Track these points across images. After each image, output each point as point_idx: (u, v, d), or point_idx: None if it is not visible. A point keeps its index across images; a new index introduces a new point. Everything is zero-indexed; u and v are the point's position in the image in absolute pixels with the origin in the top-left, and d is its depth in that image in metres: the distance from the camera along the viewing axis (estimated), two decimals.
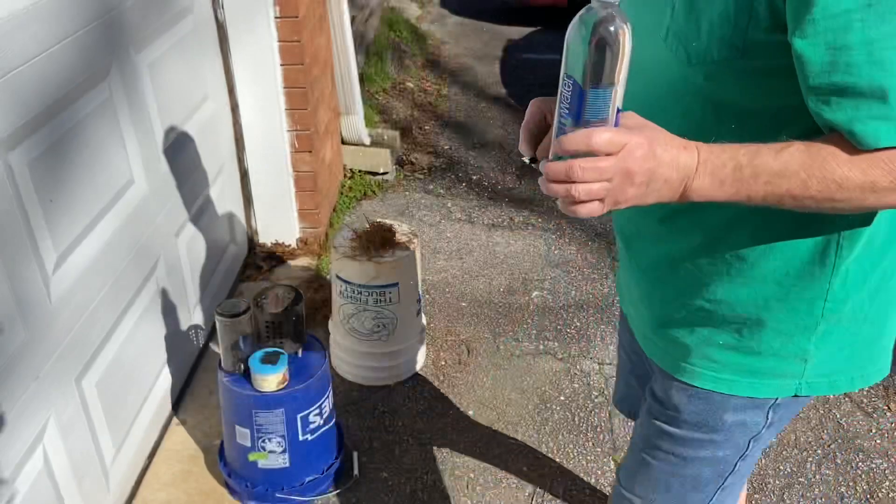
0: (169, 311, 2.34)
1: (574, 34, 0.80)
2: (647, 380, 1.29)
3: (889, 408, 2.44)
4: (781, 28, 0.83)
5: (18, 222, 1.57)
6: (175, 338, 2.40)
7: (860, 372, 1.09)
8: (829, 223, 0.95)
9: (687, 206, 0.90)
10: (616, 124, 0.82)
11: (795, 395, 1.09)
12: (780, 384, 1.08)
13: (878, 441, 2.31)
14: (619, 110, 0.82)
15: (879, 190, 0.82)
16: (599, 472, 2.22)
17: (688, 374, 1.12)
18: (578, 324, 2.85)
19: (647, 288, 1.17)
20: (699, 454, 1.17)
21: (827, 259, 0.98)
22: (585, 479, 2.20)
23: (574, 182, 0.82)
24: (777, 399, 1.09)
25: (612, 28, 0.78)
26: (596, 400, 2.47)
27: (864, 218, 0.95)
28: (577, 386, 2.54)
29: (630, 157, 0.81)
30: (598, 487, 2.17)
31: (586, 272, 3.17)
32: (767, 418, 1.12)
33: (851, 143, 0.82)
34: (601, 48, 0.78)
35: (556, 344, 2.74)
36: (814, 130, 0.86)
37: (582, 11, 0.79)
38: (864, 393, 2.49)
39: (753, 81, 0.90)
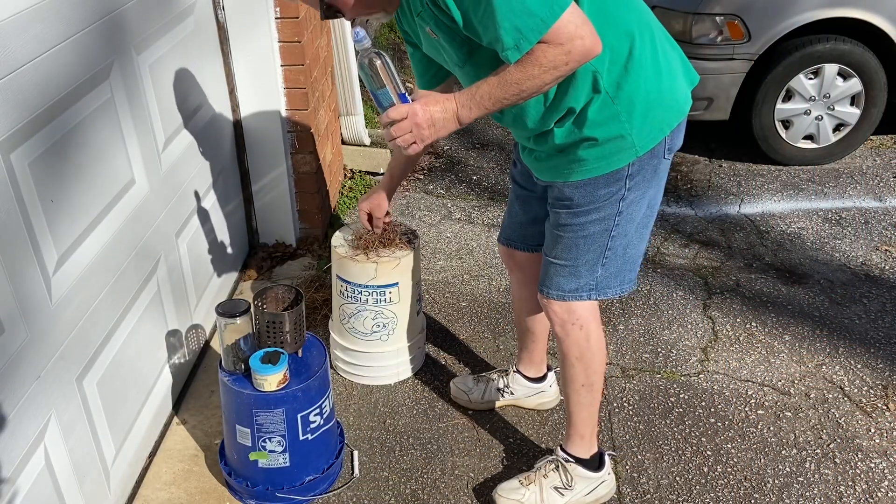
0: (169, 311, 2.35)
1: (359, 68, 1.55)
2: (533, 205, 2.03)
3: (888, 408, 2.44)
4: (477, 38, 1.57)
5: (19, 222, 1.57)
6: (175, 337, 2.40)
7: (660, 124, 1.72)
8: (587, 75, 1.63)
9: (537, 129, 1.74)
10: (404, 102, 1.56)
11: (636, 158, 1.71)
12: (620, 157, 1.70)
13: (878, 441, 2.31)
14: (401, 95, 1.56)
15: (532, 77, 1.50)
16: None
17: (572, 175, 1.76)
18: None
19: (539, 154, 1.84)
20: (590, 218, 1.79)
21: (598, 85, 1.64)
22: None
23: (395, 138, 1.57)
24: (626, 167, 1.72)
25: (371, 58, 1.52)
26: None
27: (596, 62, 1.61)
28: None
29: (413, 116, 1.55)
30: None
31: None
32: (626, 184, 1.74)
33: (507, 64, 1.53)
34: (370, 71, 1.53)
35: (555, 343, 2.74)
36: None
37: (356, 54, 1.63)
38: (864, 393, 2.49)
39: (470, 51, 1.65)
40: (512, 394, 2.41)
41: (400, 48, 5.58)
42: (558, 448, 2.09)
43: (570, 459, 2.05)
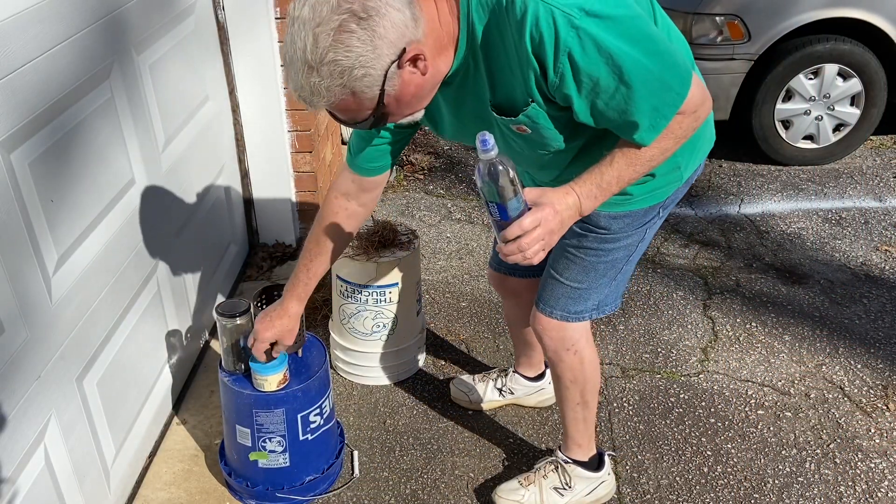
0: (169, 311, 2.35)
1: (480, 182, 1.26)
2: None
3: (888, 408, 2.44)
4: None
5: (19, 222, 1.57)
6: (175, 338, 2.40)
7: (703, 150, 1.69)
8: None
9: (565, 173, 1.58)
10: (528, 208, 1.31)
11: (679, 187, 1.67)
12: (667, 189, 1.66)
13: (878, 441, 2.31)
14: (525, 203, 1.30)
15: (665, 151, 1.40)
16: None
17: (613, 208, 1.63)
18: None
19: None
20: (618, 245, 1.72)
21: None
22: None
23: (524, 251, 1.31)
24: (665, 199, 1.68)
25: (500, 169, 1.24)
26: None
27: None
28: None
29: (547, 222, 1.32)
30: None
31: None
32: (660, 212, 1.71)
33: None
34: (499, 183, 1.25)
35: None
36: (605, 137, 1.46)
37: (477, 163, 1.25)
38: (864, 393, 2.49)
39: (572, 132, 1.48)
40: (512, 393, 2.41)
41: None
42: (557, 450, 2.09)
43: (569, 461, 2.05)
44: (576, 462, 2.05)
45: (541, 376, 2.41)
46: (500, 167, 1.23)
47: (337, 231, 1.79)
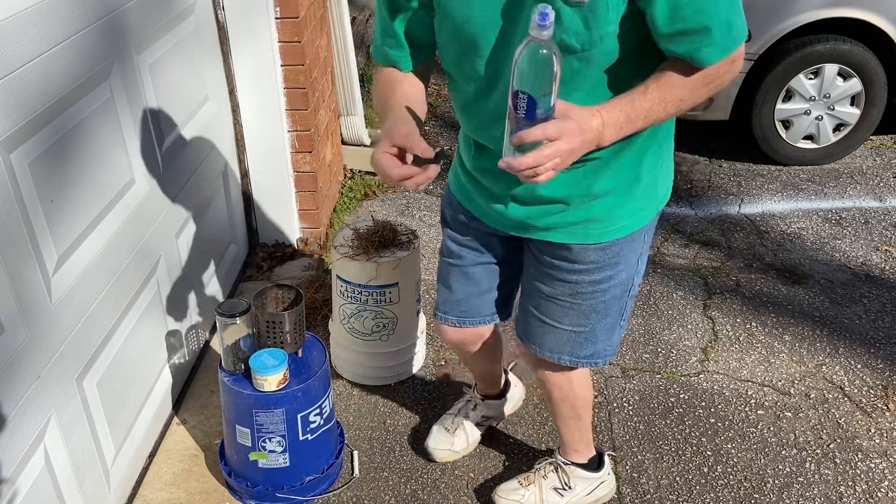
0: (169, 311, 2.35)
1: (523, 63, 1.09)
2: (487, 276, 1.77)
3: (888, 408, 2.44)
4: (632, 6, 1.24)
5: (19, 222, 1.57)
6: (175, 338, 2.40)
7: (671, 166, 1.61)
8: (650, 137, 1.46)
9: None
10: (554, 115, 1.15)
11: (659, 209, 1.59)
12: (647, 212, 1.56)
13: (878, 441, 2.31)
14: (554, 110, 1.15)
15: (697, 96, 1.28)
16: None
17: (602, 237, 1.53)
18: None
19: (551, 209, 1.53)
20: (612, 282, 1.60)
21: (651, 148, 1.49)
22: None
23: (537, 165, 1.16)
24: (647, 223, 1.58)
25: (551, 54, 1.08)
26: (595, 399, 2.47)
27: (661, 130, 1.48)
28: None
29: (570, 137, 1.18)
30: None
31: None
32: (644, 239, 1.60)
33: (688, 66, 1.26)
34: (545, 71, 1.09)
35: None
36: (655, 60, 1.30)
37: (526, 41, 1.08)
38: (864, 392, 2.49)
39: (623, 39, 1.29)
40: (489, 418, 2.31)
41: None
42: (556, 451, 2.08)
43: (569, 462, 2.05)
44: (575, 464, 2.04)
45: (505, 386, 2.32)
46: (553, 53, 1.07)
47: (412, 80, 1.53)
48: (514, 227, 1.60)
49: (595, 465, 2.06)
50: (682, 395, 2.50)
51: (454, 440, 2.24)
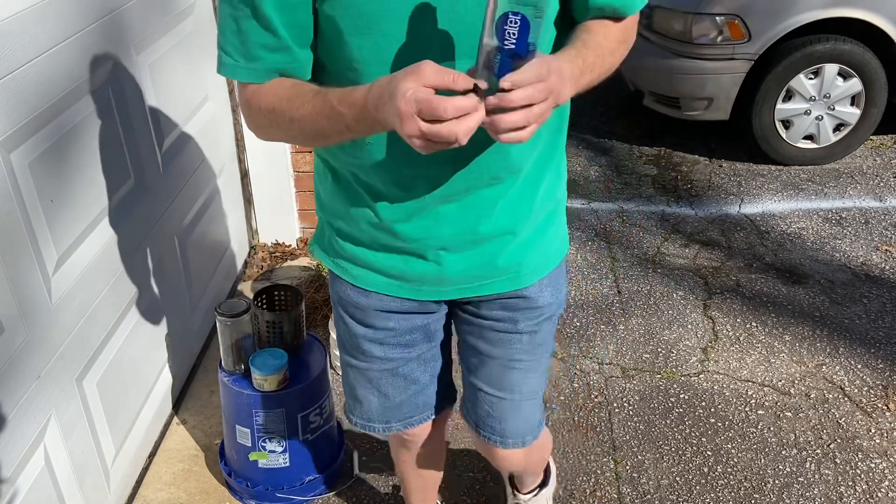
0: (169, 311, 2.35)
1: None
2: (429, 362, 1.45)
3: (889, 408, 2.44)
4: None
5: (19, 223, 1.57)
6: (175, 338, 2.40)
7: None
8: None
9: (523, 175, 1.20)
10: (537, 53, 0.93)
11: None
12: (566, 239, 1.38)
13: (878, 441, 2.31)
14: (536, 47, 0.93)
15: (619, 54, 1.14)
16: (599, 472, 2.22)
17: (551, 262, 1.32)
18: (578, 323, 2.85)
19: (502, 237, 1.26)
20: (552, 322, 1.38)
21: (561, 170, 1.31)
22: (585, 478, 2.20)
23: (534, 104, 0.91)
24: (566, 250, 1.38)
25: None
26: (595, 399, 2.48)
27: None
28: (576, 386, 2.54)
29: (560, 75, 0.95)
30: (597, 487, 2.17)
31: (585, 272, 3.17)
32: (566, 267, 1.40)
33: (608, 22, 1.12)
34: None
35: (555, 343, 2.74)
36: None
37: None
38: (864, 393, 2.49)
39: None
40: None
41: None
42: (516, 493, 1.88)
43: (534, 490, 1.86)
44: (538, 486, 1.87)
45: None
46: None
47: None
48: (454, 289, 1.29)
49: (548, 476, 1.89)
50: (682, 395, 2.50)
51: None
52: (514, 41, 0.89)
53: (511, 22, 0.88)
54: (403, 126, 0.90)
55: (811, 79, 3.86)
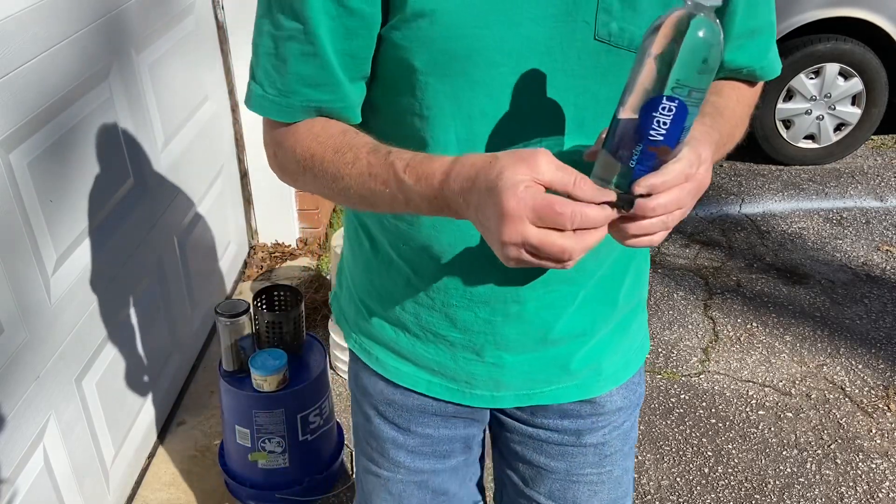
0: (169, 311, 2.35)
1: (691, 38, 0.64)
2: (466, 478, 1.25)
3: (889, 408, 2.44)
4: None
5: (18, 222, 1.57)
6: (175, 338, 2.40)
7: None
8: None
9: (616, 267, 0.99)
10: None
11: None
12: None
13: (879, 441, 2.31)
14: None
15: (747, 114, 0.96)
16: None
17: (636, 361, 1.12)
18: None
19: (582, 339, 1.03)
20: (633, 433, 1.17)
21: (647, 257, 1.08)
22: None
23: (682, 208, 0.72)
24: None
25: (717, 27, 0.65)
26: None
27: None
28: None
29: (704, 172, 0.74)
30: None
31: None
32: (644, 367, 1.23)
33: (747, 83, 0.97)
34: (709, 54, 0.65)
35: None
36: None
37: (685, 11, 0.65)
38: (865, 393, 2.49)
39: None
40: None
41: None
42: None
43: None
44: None
45: None
46: (720, 28, 0.66)
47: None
48: (511, 396, 1.06)
49: None
50: (682, 396, 2.50)
51: None
52: (664, 133, 0.67)
53: (664, 110, 0.67)
54: (505, 228, 0.67)
55: (812, 78, 3.85)
